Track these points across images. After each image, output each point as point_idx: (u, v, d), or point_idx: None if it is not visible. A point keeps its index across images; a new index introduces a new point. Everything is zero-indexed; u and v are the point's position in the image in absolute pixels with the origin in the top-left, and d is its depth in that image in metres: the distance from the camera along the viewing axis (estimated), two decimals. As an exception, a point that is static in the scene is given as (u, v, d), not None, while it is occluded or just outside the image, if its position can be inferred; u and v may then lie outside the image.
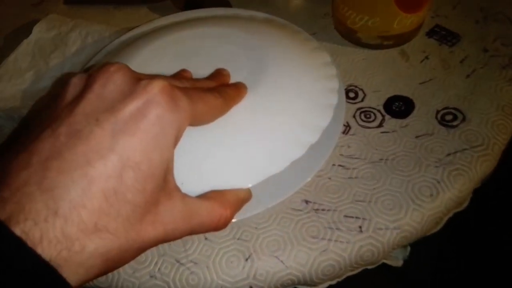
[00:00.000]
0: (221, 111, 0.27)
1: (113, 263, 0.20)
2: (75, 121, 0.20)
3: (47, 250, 0.17)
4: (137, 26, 0.42)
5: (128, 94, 0.21)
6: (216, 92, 0.26)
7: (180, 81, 0.26)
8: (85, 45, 0.45)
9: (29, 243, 0.17)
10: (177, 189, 0.23)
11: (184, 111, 0.22)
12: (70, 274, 0.18)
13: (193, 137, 0.25)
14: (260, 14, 0.41)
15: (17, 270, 0.16)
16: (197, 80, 0.29)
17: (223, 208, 0.25)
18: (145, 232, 0.20)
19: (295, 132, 0.29)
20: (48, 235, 0.17)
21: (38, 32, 0.46)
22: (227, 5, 0.47)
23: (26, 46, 0.45)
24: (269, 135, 0.28)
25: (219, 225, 0.24)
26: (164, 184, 0.21)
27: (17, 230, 0.17)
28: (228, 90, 0.28)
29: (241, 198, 0.26)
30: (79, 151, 0.19)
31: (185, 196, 0.23)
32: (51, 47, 0.45)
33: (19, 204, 0.17)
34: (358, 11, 0.39)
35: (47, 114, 0.22)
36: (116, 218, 0.19)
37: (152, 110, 0.21)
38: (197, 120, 0.24)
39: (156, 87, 0.21)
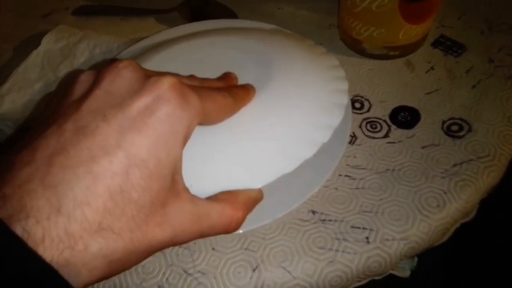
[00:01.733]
0: (231, 110, 0.26)
1: (118, 265, 0.19)
2: (82, 117, 0.19)
3: (49, 249, 0.16)
4: (145, 37, 0.43)
5: (136, 90, 0.20)
6: (225, 91, 0.26)
7: (190, 80, 0.26)
8: (93, 56, 0.45)
9: (31, 242, 0.16)
10: (186, 190, 0.22)
11: (194, 108, 0.21)
12: (73, 275, 0.17)
13: (202, 137, 0.25)
14: (267, 25, 0.41)
15: (17, 271, 0.16)
16: (206, 79, 0.29)
17: (235, 209, 0.24)
18: (152, 234, 0.20)
19: (306, 131, 0.28)
20: (50, 233, 0.17)
21: (47, 43, 0.46)
22: (234, 16, 0.48)
23: (35, 57, 0.45)
24: (279, 135, 0.28)
25: (231, 228, 0.24)
26: (171, 184, 0.21)
27: (18, 229, 0.16)
28: (237, 90, 0.28)
29: (252, 199, 0.25)
30: (84, 147, 0.18)
31: (194, 197, 0.22)
32: (59, 58, 0.45)
33: (21, 201, 0.17)
34: (363, 22, 0.40)
35: (53, 111, 0.21)
36: (121, 217, 0.18)
37: (161, 107, 0.20)
38: (207, 119, 0.24)
39: (166, 83, 0.20)
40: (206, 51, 0.35)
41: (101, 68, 0.22)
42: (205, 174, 0.26)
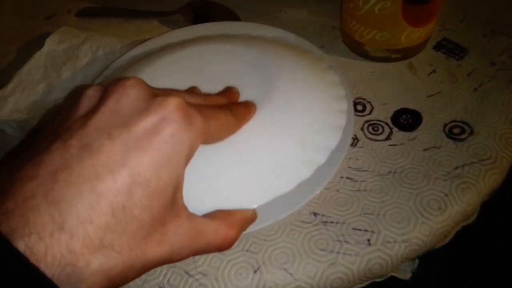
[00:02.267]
0: (232, 129, 0.27)
1: (116, 280, 0.19)
2: (87, 134, 0.20)
3: (50, 265, 0.17)
4: (148, 39, 0.43)
5: (143, 110, 0.21)
6: (227, 110, 0.26)
7: (193, 97, 0.26)
8: (96, 57, 0.45)
9: (33, 259, 0.16)
10: (185, 208, 0.22)
11: (198, 129, 0.22)
12: None
13: (201, 156, 0.25)
14: (271, 29, 0.41)
15: (19, 287, 0.16)
16: (209, 96, 0.29)
17: (229, 228, 0.24)
18: (151, 251, 0.20)
19: (303, 153, 0.29)
20: (52, 250, 0.17)
21: (51, 44, 0.46)
22: (236, 18, 0.48)
23: (38, 58, 0.46)
24: (277, 155, 0.28)
25: (224, 246, 0.24)
26: (172, 202, 0.21)
27: (21, 245, 0.16)
28: (239, 109, 0.28)
29: (247, 219, 0.26)
30: (88, 164, 0.19)
31: (192, 215, 0.23)
32: (63, 59, 0.46)
33: (24, 217, 0.17)
34: (366, 25, 0.40)
35: (58, 125, 0.22)
36: (122, 235, 0.19)
37: (166, 127, 0.20)
38: (209, 139, 0.24)
39: (172, 104, 0.21)
40: (209, 59, 0.35)
41: (108, 84, 0.22)
42: (202, 192, 0.27)
